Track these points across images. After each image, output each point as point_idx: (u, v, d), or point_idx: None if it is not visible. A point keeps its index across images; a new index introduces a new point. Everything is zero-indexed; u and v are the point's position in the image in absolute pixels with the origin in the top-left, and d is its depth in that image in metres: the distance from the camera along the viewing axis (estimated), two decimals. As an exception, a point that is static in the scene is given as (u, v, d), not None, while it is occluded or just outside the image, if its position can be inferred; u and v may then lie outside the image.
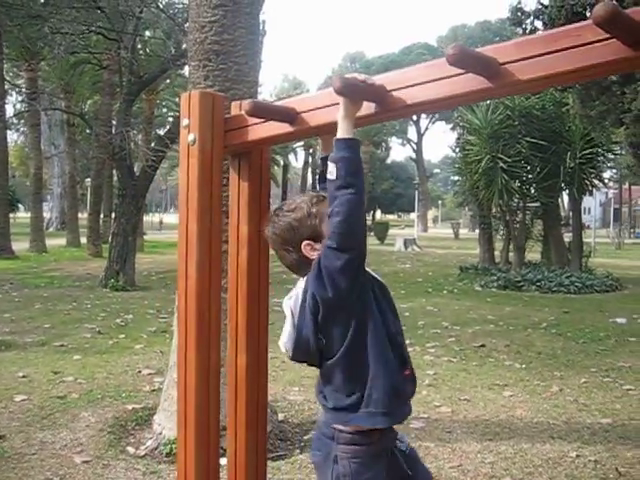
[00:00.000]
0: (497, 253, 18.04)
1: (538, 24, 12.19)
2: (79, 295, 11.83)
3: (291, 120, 2.07)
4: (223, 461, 2.49)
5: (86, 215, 26.08)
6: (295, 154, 58.35)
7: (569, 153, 14.38)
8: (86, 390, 5.46)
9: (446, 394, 5.51)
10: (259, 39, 4.73)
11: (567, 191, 16.08)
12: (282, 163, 53.73)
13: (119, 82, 14.93)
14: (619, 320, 9.30)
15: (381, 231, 36.75)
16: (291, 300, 1.99)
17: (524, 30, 12.59)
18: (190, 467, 2.23)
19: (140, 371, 6.18)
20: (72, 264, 18.57)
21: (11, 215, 23.67)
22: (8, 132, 22.29)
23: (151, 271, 16.49)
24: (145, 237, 27.10)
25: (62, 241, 26.28)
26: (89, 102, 29.30)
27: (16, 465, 3.82)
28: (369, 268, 1.99)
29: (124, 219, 13.23)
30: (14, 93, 28.28)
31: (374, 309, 1.89)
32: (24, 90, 21.44)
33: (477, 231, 21.34)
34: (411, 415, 2.04)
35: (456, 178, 20.26)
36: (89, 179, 26.86)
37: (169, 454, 3.99)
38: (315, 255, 1.90)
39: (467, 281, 15.07)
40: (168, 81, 24.73)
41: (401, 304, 10.40)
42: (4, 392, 5.34)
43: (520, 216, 15.99)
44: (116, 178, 17.55)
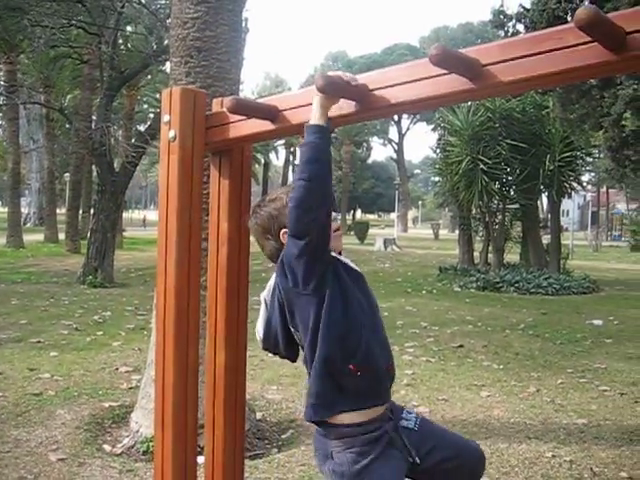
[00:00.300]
0: (476, 254, 18.13)
1: (520, 27, 12.26)
2: (56, 291, 11.72)
3: (272, 118, 2.07)
4: (200, 459, 2.48)
5: (64, 211, 25.86)
6: (276, 152, 58.30)
7: (548, 156, 14.50)
8: (62, 387, 5.41)
9: (424, 394, 5.53)
10: (241, 36, 4.71)
11: (546, 193, 16.25)
12: (263, 161, 53.63)
13: (100, 77, 14.79)
14: (595, 322, 9.39)
15: (361, 231, 36.80)
16: (266, 290, 2.02)
17: (506, 33, 12.66)
18: (167, 465, 2.22)
19: (117, 368, 6.14)
20: (50, 260, 18.39)
21: (-12, 210, 23.35)
22: (-14, 126, 21.99)
23: (130, 268, 16.38)
24: (124, 234, 26.91)
25: (40, 237, 25.99)
26: (69, 97, 28.97)
27: (-10, 463, 3.77)
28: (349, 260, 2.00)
29: (103, 215, 13.13)
30: (-8, 86, 27.93)
31: (335, 295, 1.85)
32: (2, 83, 21.13)
33: (457, 232, 21.43)
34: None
35: (436, 179, 20.32)
36: (68, 174, 26.54)
37: (146, 452, 3.97)
38: None
39: (446, 282, 15.13)
40: (149, 77, 24.56)
41: (380, 304, 10.25)
42: (-22, 389, 5.28)
43: (499, 217, 16.08)
44: (95, 174, 17.42)
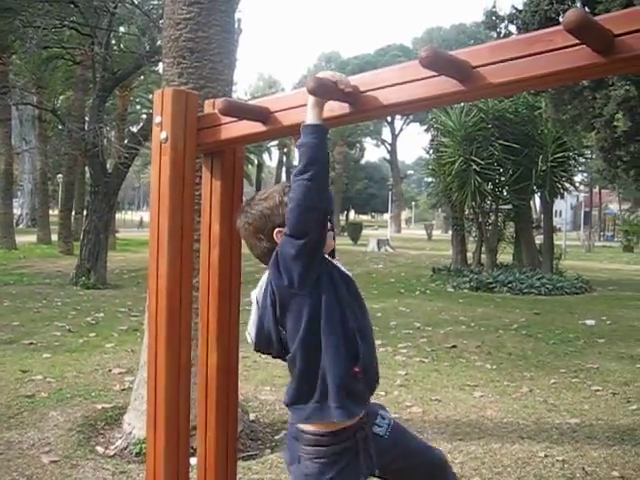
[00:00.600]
0: (469, 255, 18.17)
1: (512, 28, 12.33)
2: (49, 293, 11.68)
3: (264, 119, 2.07)
4: (193, 461, 2.48)
5: (57, 212, 25.75)
6: (269, 153, 58.28)
7: (541, 156, 14.54)
8: (55, 389, 5.39)
9: (417, 394, 5.54)
10: (234, 37, 4.72)
11: (539, 194, 16.29)
12: (256, 162, 53.62)
13: (92, 78, 14.78)
14: (588, 322, 9.42)
15: (354, 231, 36.83)
16: (257, 289, 1.99)
17: (498, 34, 12.72)
18: (159, 467, 2.22)
19: (110, 370, 6.12)
20: (42, 261, 18.33)
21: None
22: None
23: (123, 269, 16.34)
24: (117, 235, 26.85)
25: (32, 238, 25.90)
26: (62, 98, 28.90)
27: (-18, 465, 3.76)
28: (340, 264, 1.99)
29: (96, 216, 13.10)
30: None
31: (332, 300, 1.84)
32: (-6, 84, 21.07)
33: (450, 232, 21.47)
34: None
35: (430, 180, 20.37)
36: (60, 175, 26.49)
37: (139, 454, 3.96)
38: None
39: (439, 282, 15.16)
40: (142, 78, 24.52)
41: (373, 304, 10.43)
42: (-29, 391, 5.26)
43: (492, 218, 16.11)
44: (88, 175, 17.35)
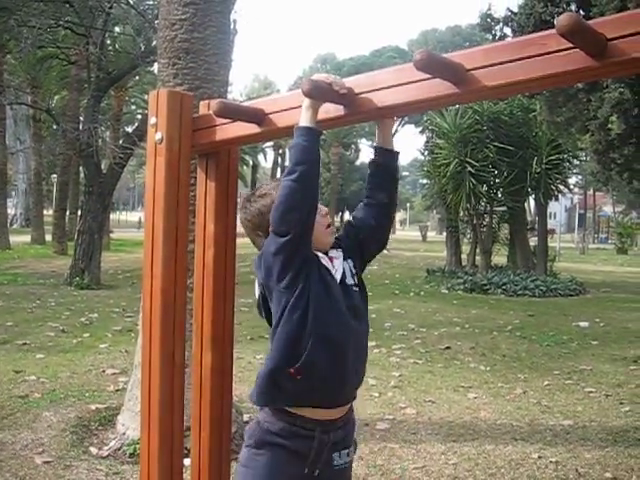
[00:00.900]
0: (464, 256, 18.20)
1: (507, 31, 12.34)
2: (43, 293, 11.65)
3: (259, 121, 2.07)
4: (187, 462, 2.48)
5: (51, 212, 25.69)
6: (264, 154, 58.16)
7: (536, 158, 14.59)
8: (49, 390, 5.38)
9: (411, 396, 5.54)
10: (230, 38, 4.72)
11: (533, 196, 16.32)
12: (251, 163, 53.55)
13: (87, 78, 14.73)
14: (582, 324, 9.46)
15: (350, 233, 36.73)
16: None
17: (494, 36, 12.73)
18: (153, 468, 2.21)
19: (104, 370, 6.12)
20: (36, 261, 18.28)
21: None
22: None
23: (117, 269, 16.31)
24: (112, 235, 26.80)
25: (27, 238, 25.82)
26: (56, 97, 28.85)
27: (-25, 466, 3.75)
28: None
29: (90, 217, 13.08)
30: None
31: (300, 300, 1.85)
32: (-11, 84, 21.00)
33: (444, 234, 21.50)
34: (373, 417, 2.03)
35: (424, 181, 20.43)
36: (55, 175, 26.45)
37: (132, 455, 3.95)
38: None
39: (434, 284, 15.17)
40: (137, 78, 24.45)
41: (368, 306, 10.41)
42: (-36, 391, 5.25)
43: (487, 220, 16.15)
44: (83, 175, 17.34)
